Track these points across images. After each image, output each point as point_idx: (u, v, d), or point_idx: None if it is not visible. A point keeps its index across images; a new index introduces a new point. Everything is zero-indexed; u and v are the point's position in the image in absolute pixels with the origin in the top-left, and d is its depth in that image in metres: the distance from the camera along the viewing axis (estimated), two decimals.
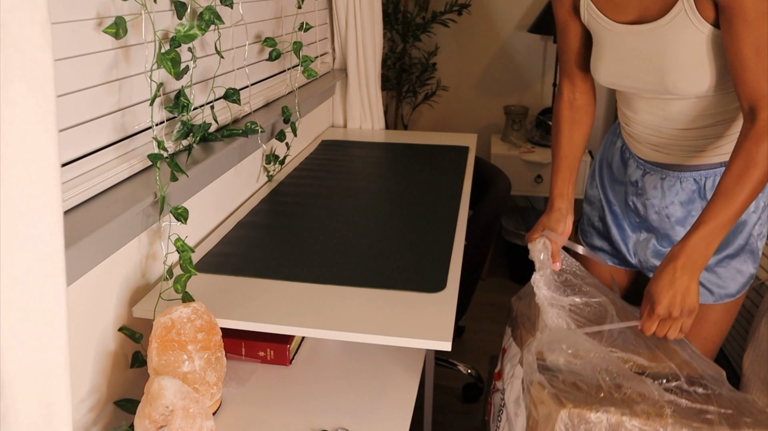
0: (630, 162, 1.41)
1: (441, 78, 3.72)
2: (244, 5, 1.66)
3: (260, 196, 1.71)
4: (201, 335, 1.04)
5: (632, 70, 1.25)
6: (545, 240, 1.29)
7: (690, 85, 1.19)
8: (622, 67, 1.26)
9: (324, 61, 2.47)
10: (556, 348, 1.14)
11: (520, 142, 3.46)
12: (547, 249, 1.28)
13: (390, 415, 1.12)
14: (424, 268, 1.29)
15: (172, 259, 1.33)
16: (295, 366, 1.27)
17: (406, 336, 1.06)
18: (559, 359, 1.13)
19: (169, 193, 1.27)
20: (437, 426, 2.05)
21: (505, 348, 1.42)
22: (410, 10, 3.49)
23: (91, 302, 1.07)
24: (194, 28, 1.17)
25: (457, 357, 2.41)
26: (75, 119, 1.07)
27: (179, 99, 1.27)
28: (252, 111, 1.74)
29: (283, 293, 1.20)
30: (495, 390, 1.37)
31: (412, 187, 1.78)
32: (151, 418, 0.94)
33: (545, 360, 1.14)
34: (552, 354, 1.14)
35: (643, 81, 1.24)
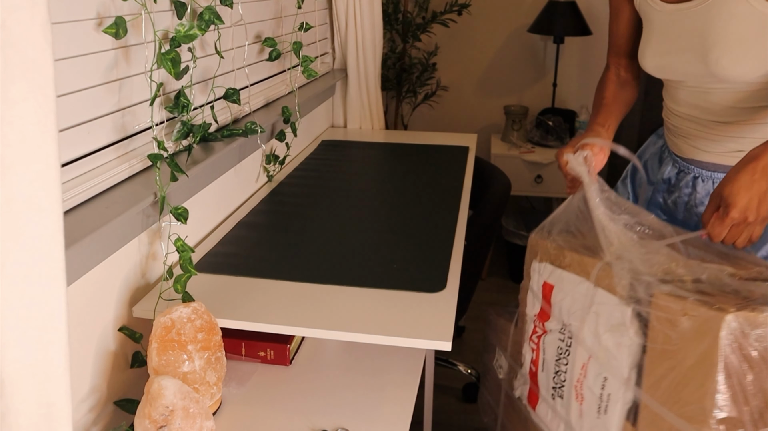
0: (666, 160, 1.41)
1: (441, 78, 3.72)
2: (244, 5, 1.66)
3: (260, 196, 1.71)
4: (201, 335, 1.04)
5: (677, 50, 1.23)
6: (588, 153, 1.22)
7: (733, 63, 1.15)
8: (668, 48, 1.25)
9: (324, 61, 2.47)
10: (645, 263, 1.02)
11: (520, 142, 3.46)
12: (590, 162, 1.21)
13: (390, 415, 1.12)
14: (424, 268, 1.29)
15: (172, 259, 1.33)
16: (295, 366, 1.27)
17: (406, 336, 1.06)
18: (656, 273, 1.01)
19: (169, 193, 1.27)
20: (437, 426, 2.05)
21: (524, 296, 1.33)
22: (410, 10, 3.49)
23: (91, 302, 1.07)
24: (194, 28, 1.17)
25: (457, 357, 2.41)
26: (75, 119, 1.07)
27: (179, 99, 1.27)
28: (252, 111, 1.74)
29: (283, 293, 1.20)
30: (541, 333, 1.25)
31: (412, 187, 1.78)
32: (151, 418, 0.94)
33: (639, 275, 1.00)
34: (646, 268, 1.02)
35: (686, 61, 1.22)
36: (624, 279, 1.03)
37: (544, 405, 1.24)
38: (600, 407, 1.07)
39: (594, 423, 1.08)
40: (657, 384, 0.96)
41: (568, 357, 1.16)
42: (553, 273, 1.23)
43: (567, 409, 1.16)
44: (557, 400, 1.19)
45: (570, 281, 1.18)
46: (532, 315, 1.30)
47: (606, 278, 1.08)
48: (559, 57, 3.52)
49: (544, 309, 1.26)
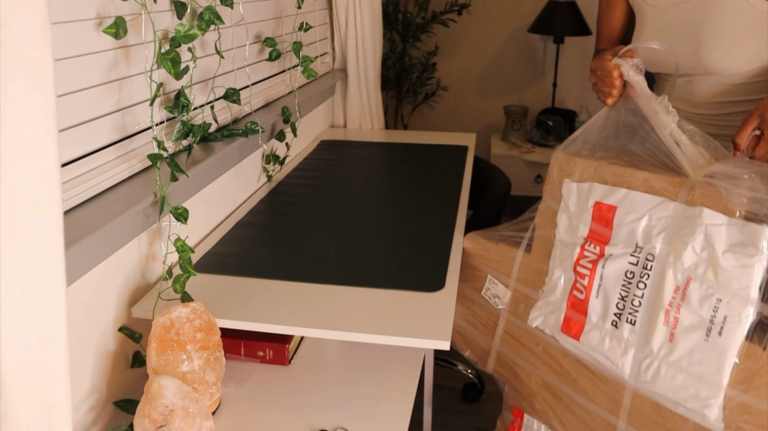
0: None
1: (441, 78, 3.72)
2: (244, 5, 1.66)
3: (260, 196, 1.71)
4: (200, 335, 1.04)
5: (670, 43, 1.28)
6: (636, 60, 1.17)
7: (723, 55, 1.21)
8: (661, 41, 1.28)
9: (324, 61, 2.47)
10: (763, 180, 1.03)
11: (520, 142, 3.46)
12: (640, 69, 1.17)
13: (389, 415, 1.12)
14: (424, 268, 1.29)
15: (171, 259, 1.33)
16: (294, 366, 1.27)
17: (406, 335, 1.06)
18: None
19: (169, 193, 1.27)
20: (437, 426, 2.05)
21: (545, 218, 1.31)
22: (410, 10, 3.49)
23: (91, 302, 1.07)
24: (194, 28, 1.17)
25: (457, 357, 2.42)
26: (75, 119, 1.07)
27: (179, 99, 1.27)
28: (252, 111, 1.74)
29: (282, 293, 1.21)
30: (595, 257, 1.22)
31: (412, 186, 1.78)
32: (150, 418, 0.94)
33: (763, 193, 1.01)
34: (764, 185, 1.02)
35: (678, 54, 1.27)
36: (744, 198, 1.02)
37: (597, 333, 1.20)
38: (711, 330, 1.05)
39: (698, 346, 1.06)
40: None
41: (647, 281, 1.14)
42: (613, 193, 1.19)
43: (643, 335, 1.13)
44: (624, 326, 1.16)
45: (645, 201, 1.14)
46: (575, 239, 1.26)
47: (709, 197, 1.06)
48: (559, 57, 3.52)
49: (597, 231, 1.22)
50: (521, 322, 1.36)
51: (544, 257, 1.32)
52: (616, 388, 1.18)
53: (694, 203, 1.08)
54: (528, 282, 1.35)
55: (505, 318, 1.40)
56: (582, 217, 1.24)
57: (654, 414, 1.12)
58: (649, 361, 1.12)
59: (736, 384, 1.02)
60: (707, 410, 1.04)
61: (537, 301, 1.32)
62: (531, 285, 1.34)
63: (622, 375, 1.16)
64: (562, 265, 1.28)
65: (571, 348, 1.25)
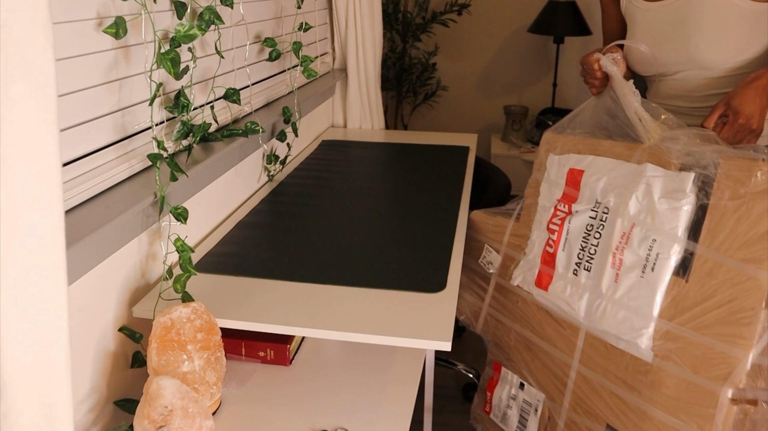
0: None
1: (441, 78, 3.72)
2: (244, 5, 1.66)
3: (260, 196, 1.71)
4: (200, 335, 1.04)
5: (660, 41, 1.41)
6: (618, 55, 1.39)
7: (710, 47, 1.34)
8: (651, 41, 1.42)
9: (324, 61, 2.47)
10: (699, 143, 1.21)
11: (520, 142, 3.46)
12: (619, 62, 1.38)
13: (390, 415, 1.12)
14: (424, 268, 1.29)
15: (172, 259, 1.33)
16: (295, 366, 1.27)
17: (406, 336, 1.06)
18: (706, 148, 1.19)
19: (169, 192, 1.27)
20: (437, 426, 2.05)
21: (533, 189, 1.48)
22: (410, 10, 3.49)
23: (91, 302, 1.07)
24: (194, 28, 1.17)
25: (457, 357, 2.42)
26: (75, 119, 1.07)
27: (179, 99, 1.27)
28: (252, 111, 1.74)
29: (283, 293, 1.20)
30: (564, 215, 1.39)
31: (412, 187, 1.78)
32: (150, 418, 0.94)
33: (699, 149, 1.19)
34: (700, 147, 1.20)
35: (669, 50, 1.40)
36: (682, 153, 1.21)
37: (561, 283, 1.36)
38: (646, 267, 1.20)
39: (635, 283, 1.21)
40: (716, 234, 1.11)
41: (602, 231, 1.30)
42: (583, 160, 1.39)
43: (595, 279, 1.29)
44: (581, 273, 1.32)
45: (605, 164, 1.34)
46: (550, 202, 1.44)
47: (655, 156, 1.25)
48: (559, 57, 3.52)
49: (568, 193, 1.41)
50: (506, 283, 1.53)
51: (529, 224, 1.51)
52: (572, 331, 1.33)
53: (642, 162, 1.27)
54: (515, 246, 1.53)
55: (495, 281, 1.58)
56: (558, 183, 1.44)
57: (601, 350, 1.27)
58: (599, 302, 1.27)
59: (663, 313, 1.16)
60: (639, 340, 1.17)
61: (520, 262, 1.50)
62: (517, 248, 1.52)
63: (578, 318, 1.31)
64: (539, 227, 1.46)
65: (541, 300, 1.41)
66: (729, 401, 1.05)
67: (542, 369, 1.42)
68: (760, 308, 1.03)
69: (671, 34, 1.39)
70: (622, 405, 1.22)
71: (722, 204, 1.12)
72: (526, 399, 1.47)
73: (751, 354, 1.04)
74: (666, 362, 1.14)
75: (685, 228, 1.16)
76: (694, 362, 1.10)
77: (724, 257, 1.10)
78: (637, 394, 1.19)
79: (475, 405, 1.66)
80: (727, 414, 1.05)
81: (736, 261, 1.07)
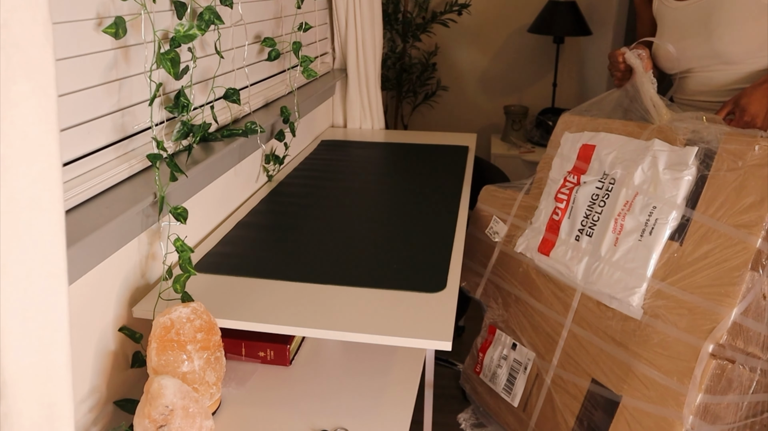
0: None
1: (441, 78, 3.72)
2: (244, 5, 1.66)
3: (260, 196, 1.71)
4: (200, 335, 1.04)
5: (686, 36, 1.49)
6: (642, 52, 1.54)
7: (734, 41, 1.41)
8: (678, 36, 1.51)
9: (324, 61, 2.47)
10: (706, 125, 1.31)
11: (520, 142, 3.46)
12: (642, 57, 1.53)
13: (390, 415, 1.12)
14: (424, 268, 1.29)
15: (171, 259, 1.33)
16: (295, 367, 1.27)
17: (406, 336, 1.06)
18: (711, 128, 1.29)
19: (169, 193, 1.27)
20: (437, 426, 2.05)
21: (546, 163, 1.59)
22: (410, 10, 3.49)
23: (91, 302, 1.07)
24: (194, 28, 1.17)
25: (457, 357, 2.42)
26: (75, 119, 1.07)
27: (179, 99, 1.27)
28: (252, 111, 1.74)
29: (283, 293, 1.20)
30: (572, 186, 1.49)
31: (412, 187, 1.78)
32: (150, 418, 0.94)
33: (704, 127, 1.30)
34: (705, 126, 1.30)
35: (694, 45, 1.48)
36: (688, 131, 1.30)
37: (563, 248, 1.46)
38: (644, 231, 1.29)
39: (633, 246, 1.30)
40: (713, 203, 1.20)
41: (606, 200, 1.40)
42: (596, 136, 1.50)
43: (596, 243, 1.38)
44: (583, 239, 1.42)
45: (617, 140, 1.44)
46: (561, 175, 1.55)
47: (663, 133, 1.35)
48: (559, 57, 3.52)
49: (578, 166, 1.51)
50: (510, 250, 1.64)
51: (538, 196, 1.61)
52: (569, 293, 1.42)
53: (650, 138, 1.37)
54: (522, 217, 1.64)
55: (499, 249, 1.68)
56: (570, 157, 1.54)
57: (594, 310, 1.35)
58: (597, 264, 1.36)
59: (656, 274, 1.24)
60: (631, 298, 1.25)
61: (525, 230, 1.60)
62: (524, 218, 1.63)
63: (575, 280, 1.40)
64: (548, 197, 1.56)
65: (541, 265, 1.51)
66: (709, 355, 1.12)
67: (536, 329, 1.51)
68: (746, 269, 1.11)
69: (696, 29, 1.47)
70: (608, 361, 1.30)
71: (721, 174, 1.20)
72: (516, 358, 1.55)
73: (734, 311, 1.12)
74: (654, 319, 1.22)
75: (684, 197, 1.25)
76: (680, 319, 1.18)
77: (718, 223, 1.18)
78: (624, 349, 1.27)
79: (466, 366, 1.75)
80: (705, 367, 1.12)
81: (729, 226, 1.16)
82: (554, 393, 1.42)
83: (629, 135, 1.43)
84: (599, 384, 1.31)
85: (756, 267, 1.12)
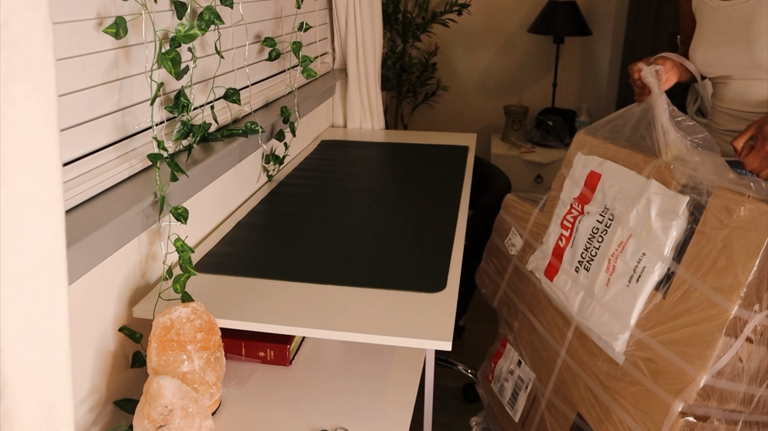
0: None
1: (441, 78, 3.72)
2: (244, 5, 1.66)
3: (260, 196, 1.71)
4: (200, 335, 1.04)
5: (725, 42, 1.40)
6: (660, 68, 1.42)
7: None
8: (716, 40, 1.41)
9: (324, 61, 2.47)
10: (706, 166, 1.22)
11: (520, 142, 3.46)
12: (661, 75, 1.42)
13: (390, 415, 1.12)
14: (424, 268, 1.29)
15: (171, 259, 1.33)
16: (295, 367, 1.27)
17: (406, 336, 1.06)
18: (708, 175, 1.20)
19: (169, 192, 1.27)
20: (437, 426, 2.05)
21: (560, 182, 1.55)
22: (410, 10, 3.49)
23: (91, 302, 1.07)
24: (194, 28, 1.17)
25: (457, 357, 2.42)
26: (75, 119, 1.07)
27: (179, 99, 1.27)
28: (252, 111, 1.74)
29: (283, 293, 1.20)
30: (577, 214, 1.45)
31: (412, 187, 1.78)
32: (150, 418, 0.94)
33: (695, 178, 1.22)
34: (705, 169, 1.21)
35: (732, 52, 1.38)
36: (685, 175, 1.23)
37: (564, 277, 1.43)
38: (632, 278, 1.25)
39: (621, 290, 1.27)
40: (696, 260, 1.15)
41: (604, 236, 1.35)
42: (603, 164, 1.43)
43: (593, 279, 1.35)
44: (581, 272, 1.38)
45: (621, 173, 1.38)
46: (569, 199, 1.50)
47: (662, 173, 1.28)
48: (559, 57, 3.52)
49: (584, 193, 1.46)
50: (523, 266, 1.61)
51: (550, 215, 1.58)
52: (566, 323, 1.40)
53: (650, 176, 1.30)
54: (536, 234, 1.60)
55: (513, 263, 1.66)
56: (579, 182, 1.49)
57: (586, 345, 1.34)
58: (590, 301, 1.34)
59: (639, 323, 1.22)
60: (615, 343, 1.25)
61: (536, 250, 1.57)
62: (537, 237, 1.59)
63: (572, 312, 1.38)
64: (557, 221, 1.53)
65: (547, 289, 1.49)
66: (678, 414, 1.11)
67: (537, 352, 1.50)
68: (720, 335, 1.08)
69: (735, 36, 1.38)
70: (592, 399, 1.29)
71: (707, 231, 1.15)
72: (520, 375, 1.55)
73: (705, 375, 1.09)
74: (633, 368, 1.21)
75: (671, 248, 1.20)
76: (655, 372, 1.16)
77: (698, 282, 1.14)
78: (606, 391, 1.26)
79: (481, 373, 1.76)
80: (673, 424, 1.11)
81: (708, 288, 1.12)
82: (547, 418, 1.43)
83: (634, 168, 1.35)
84: (583, 419, 1.31)
85: (731, 333, 1.08)
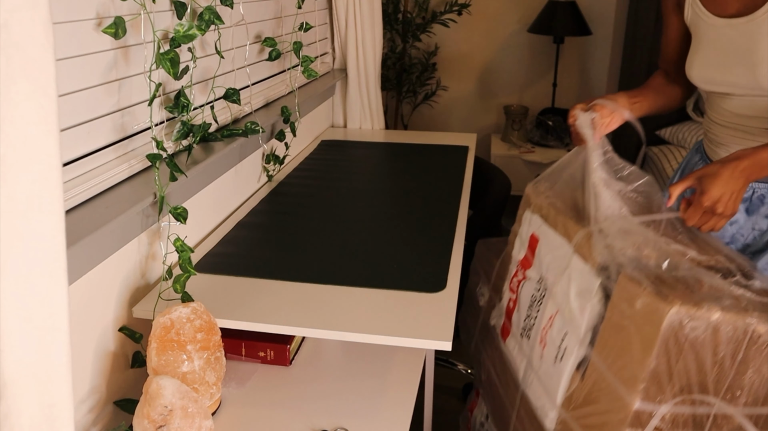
0: None
1: (441, 78, 3.72)
2: (244, 5, 1.66)
3: (260, 196, 1.71)
4: (200, 335, 1.04)
5: (725, 63, 1.29)
6: (596, 116, 1.28)
7: None
8: (716, 61, 1.30)
9: (324, 61, 2.47)
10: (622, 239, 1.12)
11: (520, 142, 3.46)
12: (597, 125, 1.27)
13: (390, 415, 1.12)
14: (424, 268, 1.29)
15: (171, 259, 1.33)
16: (295, 367, 1.27)
17: (406, 336, 1.06)
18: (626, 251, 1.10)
19: (169, 193, 1.27)
20: (437, 426, 2.05)
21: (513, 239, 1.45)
22: (410, 10, 3.49)
23: (91, 302, 1.07)
24: (194, 28, 1.17)
25: (457, 357, 2.42)
26: (75, 119, 1.07)
27: (179, 99, 1.27)
28: (252, 111, 1.74)
29: (283, 293, 1.20)
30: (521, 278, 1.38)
31: (412, 187, 1.78)
32: (149, 418, 0.94)
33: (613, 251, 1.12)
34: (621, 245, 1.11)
35: (734, 74, 1.27)
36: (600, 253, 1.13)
37: (513, 341, 1.38)
38: (557, 356, 1.20)
39: (550, 368, 1.22)
40: (605, 348, 1.10)
41: (540, 306, 1.28)
42: (541, 227, 1.34)
43: (531, 350, 1.29)
44: (524, 340, 1.32)
45: (554, 240, 1.28)
46: (516, 260, 1.42)
47: (585, 247, 1.18)
48: (559, 57, 3.52)
49: (527, 257, 1.38)
50: (488, 320, 1.56)
51: (504, 274, 1.49)
52: (515, 387, 1.36)
53: (576, 250, 1.21)
54: (497, 288, 1.52)
55: (482, 314, 1.60)
56: (524, 243, 1.41)
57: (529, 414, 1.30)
58: (530, 372, 1.29)
59: (564, 403, 1.18)
60: (546, 420, 1.22)
61: (496, 306, 1.50)
62: (498, 291, 1.52)
63: (518, 379, 1.34)
64: (508, 281, 1.45)
65: (503, 349, 1.44)
66: None
67: (498, 410, 1.46)
68: (625, 427, 1.04)
69: (739, 58, 1.27)
70: None
71: (613, 319, 1.08)
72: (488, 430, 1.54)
73: None
74: None
75: (586, 330, 1.14)
76: None
77: (607, 371, 1.09)
78: None
79: (462, 418, 1.74)
80: None
81: (614, 378, 1.07)
82: None
83: (564, 235, 1.25)
84: None
85: (637, 425, 1.03)
